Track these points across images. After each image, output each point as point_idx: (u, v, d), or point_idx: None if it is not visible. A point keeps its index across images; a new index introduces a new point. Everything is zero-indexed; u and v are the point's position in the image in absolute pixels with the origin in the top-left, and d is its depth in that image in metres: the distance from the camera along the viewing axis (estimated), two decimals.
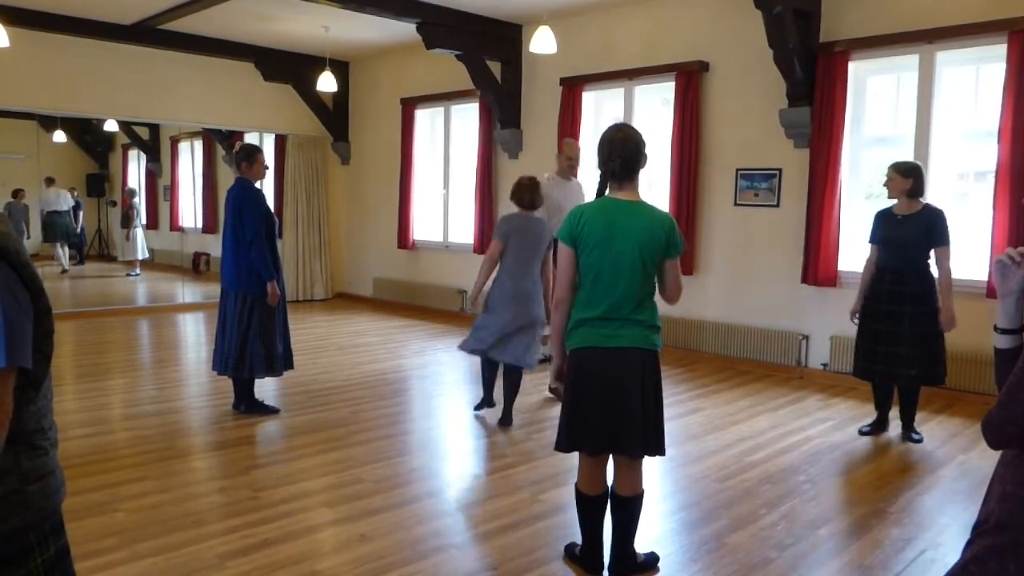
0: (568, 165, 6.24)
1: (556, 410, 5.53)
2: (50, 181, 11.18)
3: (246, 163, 5.18)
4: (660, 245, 2.92)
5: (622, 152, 2.93)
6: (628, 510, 3.10)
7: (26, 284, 1.41)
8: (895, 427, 5.09)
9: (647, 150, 3.00)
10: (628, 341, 2.91)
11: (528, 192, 5.15)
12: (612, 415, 2.92)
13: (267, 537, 3.40)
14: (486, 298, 5.22)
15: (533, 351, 5.16)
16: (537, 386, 6.23)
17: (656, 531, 3.58)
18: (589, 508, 3.13)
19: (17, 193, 12.12)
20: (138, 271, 12.56)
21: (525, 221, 5.17)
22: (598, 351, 2.93)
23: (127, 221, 12.41)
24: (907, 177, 4.73)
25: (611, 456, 3.08)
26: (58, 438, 1.60)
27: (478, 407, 5.50)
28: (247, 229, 5.06)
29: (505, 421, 5.21)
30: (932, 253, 4.75)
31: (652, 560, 3.21)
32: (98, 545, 3.26)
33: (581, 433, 2.99)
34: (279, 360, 5.28)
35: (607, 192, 3.02)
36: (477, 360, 7.15)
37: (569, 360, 3.03)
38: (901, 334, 4.74)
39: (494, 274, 5.21)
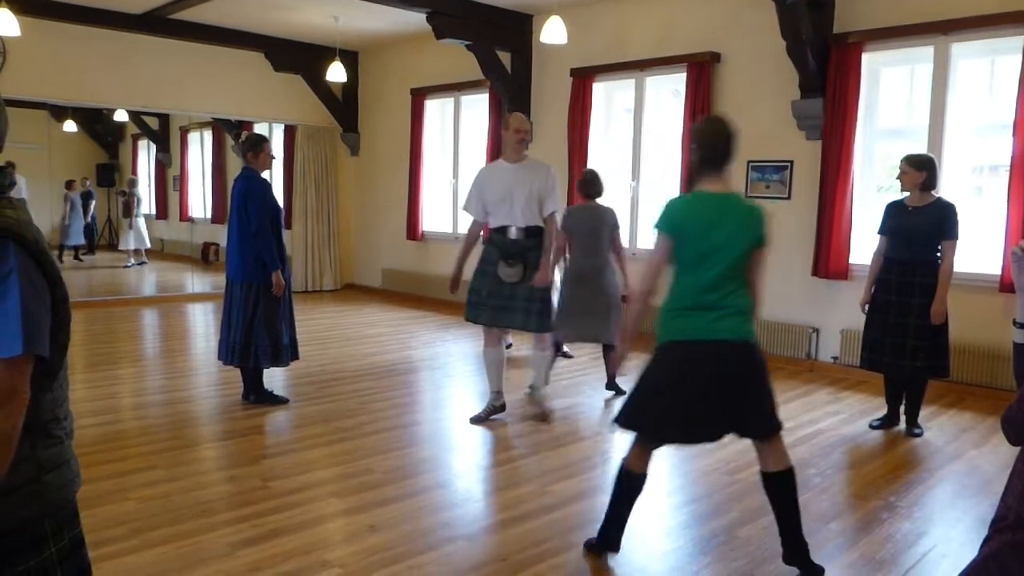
0: (518, 139, 4.86)
1: (562, 403, 5.54)
2: (10, 166, 11.21)
3: (252, 153, 5.17)
4: (755, 236, 2.93)
5: (716, 143, 2.93)
6: (790, 483, 3.06)
7: (44, 272, 1.42)
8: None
9: (735, 144, 2.98)
10: (734, 334, 2.90)
11: (585, 184, 5.66)
12: (737, 405, 2.91)
13: (276, 527, 3.40)
14: (560, 283, 5.65)
15: (615, 326, 5.51)
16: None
17: (666, 524, 3.57)
18: (634, 486, 3.10)
19: (71, 184, 12.19)
20: (142, 260, 12.56)
21: (585, 210, 5.64)
22: (703, 344, 2.89)
23: (127, 210, 12.44)
24: (921, 170, 4.69)
25: (739, 438, 3.10)
26: (74, 428, 1.61)
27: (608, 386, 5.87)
28: (252, 220, 5.06)
29: (611, 386, 5.82)
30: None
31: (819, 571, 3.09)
32: (108, 534, 3.28)
33: (673, 424, 2.94)
34: (285, 350, 5.28)
35: (698, 184, 2.98)
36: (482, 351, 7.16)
37: (666, 352, 2.96)
38: (908, 325, 4.72)
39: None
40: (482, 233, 5.15)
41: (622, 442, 4.85)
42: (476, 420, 5.03)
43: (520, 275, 4.80)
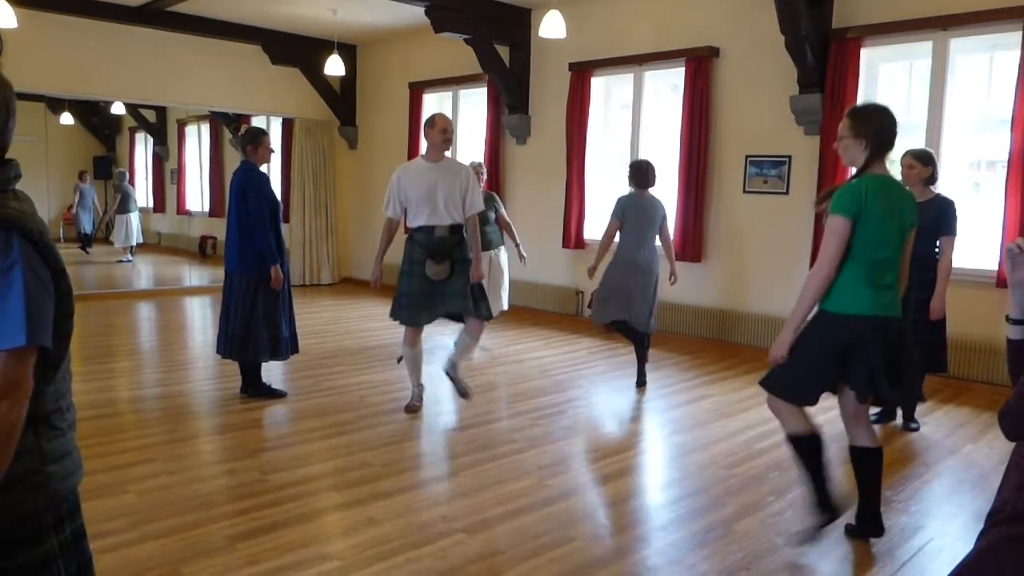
0: (444, 139, 4.98)
1: (561, 397, 5.55)
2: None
3: (251, 147, 5.17)
4: (914, 218, 3.10)
5: (887, 130, 3.07)
6: (880, 460, 3.27)
7: (48, 264, 1.42)
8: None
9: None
10: (899, 311, 3.12)
11: (638, 174, 5.67)
12: (903, 378, 3.06)
13: (275, 520, 3.41)
14: (606, 269, 5.72)
15: (654, 317, 5.73)
16: (544, 372, 6.24)
17: (663, 517, 3.58)
18: (815, 448, 3.17)
19: (83, 175, 12.17)
20: (129, 257, 12.51)
21: (638, 200, 5.66)
22: (881, 320, 3.03)
23: (113, 205, 12.41)
24: (927, 165, 4.71)
25: (851, 414, 3.24)
26: (76, 420, 1.61)
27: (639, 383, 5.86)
28: (251, 213, 5.06)
29: (641, 382, 5.82)
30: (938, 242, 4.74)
31: None
32: (108, 526, 3.28)
33: (817, 388, 3.12)
34: (284, 344, 5.28)
35: (870, 168, 3.06)
36: (480, 345, 7.16)
37: (839, 322, 3.03)
38: (906, 320, 4.72)
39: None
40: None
41: (620, 438, 4.87)
42: (411, 409, 5.12)
43: (448, 272, 4.91)
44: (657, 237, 5.77)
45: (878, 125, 3.04)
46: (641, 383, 5.83)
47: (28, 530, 1.47)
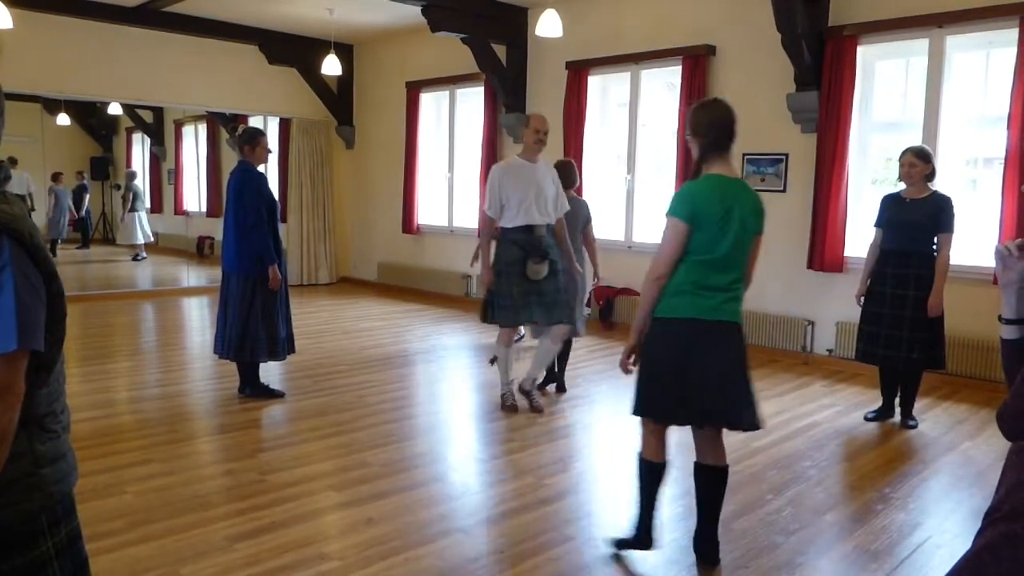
0: (536, 139, 5.02)
1: (559, 396, 5.54)
2: (13, 162, 11.06)
3: (248, 147, 5.17)
4: (758, 223, 2.99)
5: (720, 126, 2.94)
6: (723, 481, 3.09)
7: (39, 267, 1.41)
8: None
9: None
10: (732, 315, 2.96)
11: (559, 175, 5.40)
12: (721, 387, 2.92)
13: (274, 520, 3.41)
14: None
15: (581, 318, 5.57)
16: None
17: (662, 516, 3.58)
18: (656, 477, 3.09)
19: (57, 177, 12.13)
20: (143, 254, 12.53)
21: None
22: (706, 323, 2.90)
23: (124, 204, 12.39)
24: (928, 162, 4.73)
25: (694, 428, 3.05)
26: (70, 422, 1.61)
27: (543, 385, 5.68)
28: (248, 213, 5.05)
29: (559, 383, 5.66)
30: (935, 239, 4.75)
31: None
32: (106, 527, 3.28)
33: (667, 401, 2.96)
34: (281, 344, 5.28)
35: (707, 168, 2.97)
36: (479, 344, 7.17)
37: (666, 327, 2.94)
38: (904, 317, 4.74)
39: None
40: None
41: (620, 435, 4.87)
42: (509, 408, 5.12)
43: (547, 271, 4.91)
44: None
45: (713, 122, 2.94)
46: (555, 385, 5.68)
47: (23, 533, 1.46)
